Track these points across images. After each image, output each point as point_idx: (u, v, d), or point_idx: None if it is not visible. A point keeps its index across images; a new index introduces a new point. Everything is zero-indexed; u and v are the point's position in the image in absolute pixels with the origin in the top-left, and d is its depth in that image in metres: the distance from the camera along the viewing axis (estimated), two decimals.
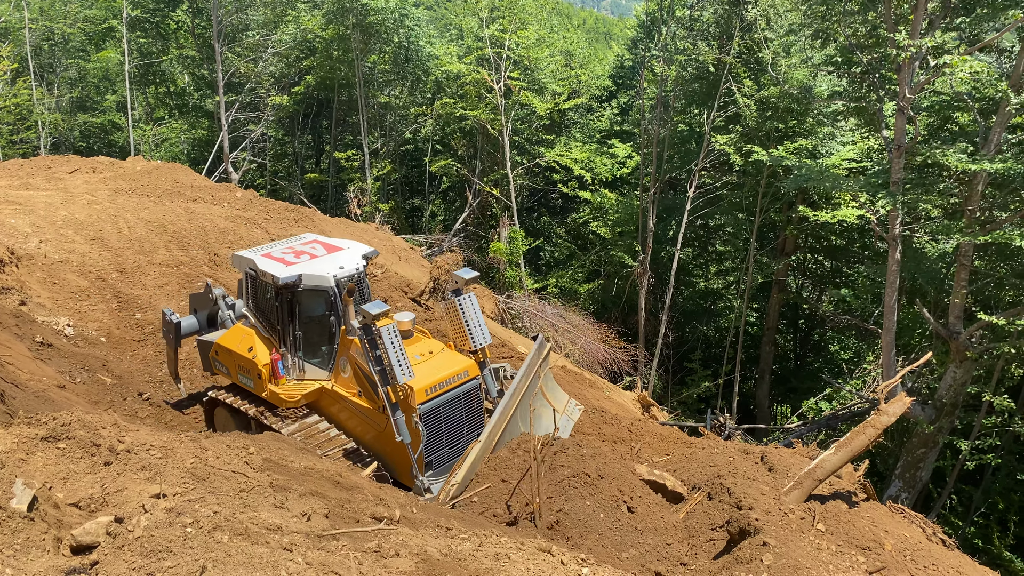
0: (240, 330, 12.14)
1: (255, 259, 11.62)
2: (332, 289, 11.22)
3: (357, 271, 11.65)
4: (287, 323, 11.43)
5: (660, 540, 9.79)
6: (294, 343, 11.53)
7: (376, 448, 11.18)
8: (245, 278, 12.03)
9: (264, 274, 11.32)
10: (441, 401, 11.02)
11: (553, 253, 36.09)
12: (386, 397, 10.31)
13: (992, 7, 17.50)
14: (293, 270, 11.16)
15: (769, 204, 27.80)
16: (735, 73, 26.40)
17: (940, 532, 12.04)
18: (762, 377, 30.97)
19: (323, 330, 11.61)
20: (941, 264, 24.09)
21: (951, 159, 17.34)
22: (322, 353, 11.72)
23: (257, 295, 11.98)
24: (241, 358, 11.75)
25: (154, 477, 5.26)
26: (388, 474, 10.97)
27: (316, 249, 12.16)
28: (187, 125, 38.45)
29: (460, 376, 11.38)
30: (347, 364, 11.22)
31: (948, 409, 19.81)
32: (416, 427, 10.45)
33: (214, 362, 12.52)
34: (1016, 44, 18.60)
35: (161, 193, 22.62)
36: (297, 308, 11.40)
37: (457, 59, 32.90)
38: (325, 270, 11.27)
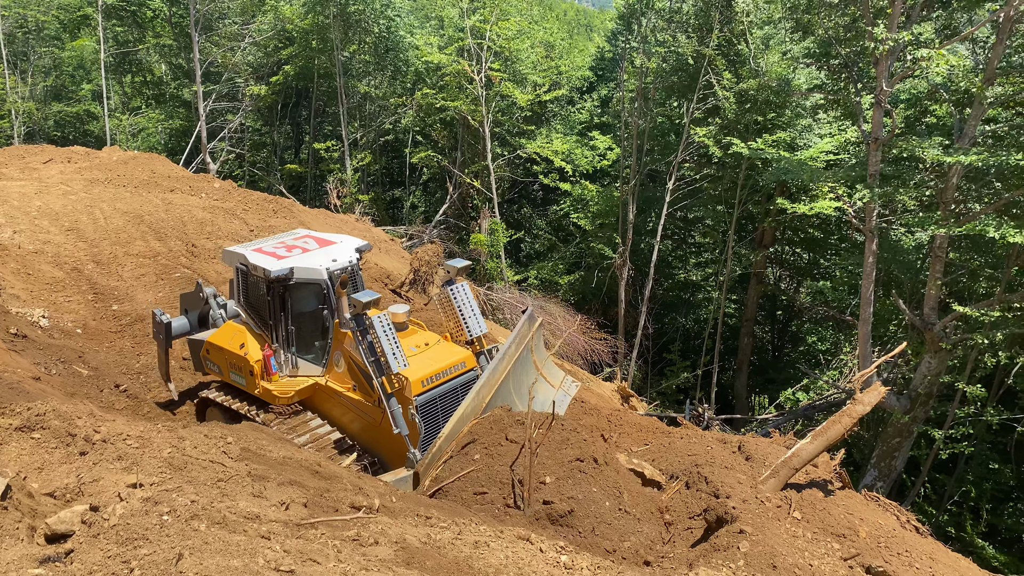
0: (231, 327, 11.99)
1: (246, 254, 11.47)
2: (325, 282, 11.12)
3: (350, 264, 11.52)
4: (279, 318, 11.26)
5: (642, 528, 9.86)
6: (286, 338, 11.37)
7: (371, 443, 11.05)
8: (236, 274, 11.87)
9: (255, 268, 11.17)
10: (438, 393, 10.90)
11: (534, 245, 36.13)
12: (381, 388, 10.19)
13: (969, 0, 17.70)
14: (285, 263, 11.02)
15: (748, 196, 27.99)
16: (714, 66, 26.51)
17: (914, 520, 12.22)
18: (740, 368, 31.23)
19: (316, 325, 11.50)
20: (916, 256, 24.41)
21: (927, 152, 17.53)
22: (315, 348, 11.59)
23: (248, 291, 11.84)
24: (233, 356, 11.59)
25: (131, 467, 5.23)
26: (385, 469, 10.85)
27: (308, 243, 12.03)
28: (164, 115, 38.01)
29: (457, 367, 11.29)
30: (341, 358, 11.06)
31: (923, 399, 20.09)
32: (413, 419, 10.33)
33: (205, 361, 12.35)
34: (991, 36, 18.80)
35: (138, 183, 22.37)
36: (289, 302, 11.25)
37: (438, 50, 32.76)
38: (318, 263, 11.16)
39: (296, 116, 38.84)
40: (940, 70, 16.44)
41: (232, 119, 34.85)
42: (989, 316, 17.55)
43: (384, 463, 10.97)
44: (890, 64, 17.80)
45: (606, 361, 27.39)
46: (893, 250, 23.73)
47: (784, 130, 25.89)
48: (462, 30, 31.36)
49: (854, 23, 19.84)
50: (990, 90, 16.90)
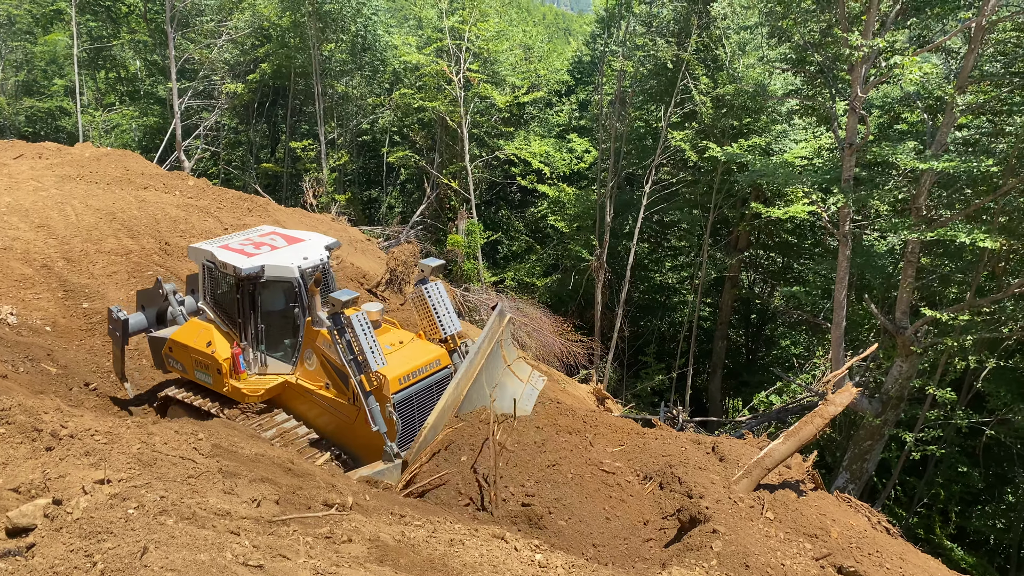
0: (197, 325, 11.85)
1: (213, 251, 11.35)
2: (296, 280, 11.07)
3: (321, 262, 11.49)
4: (248, 316, 11.19)
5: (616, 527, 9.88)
6: (256, 336, 11.31)
7: (345, 440, 11.06)
8: (202, 270, 11.75)
9: (224, 266, 11.05)
10: (414, 390, 10.96)
11: (511, 246, 36.11)
12: (359, 386, 10.21)
13: (943, 7, 17.95)
14: (255, 261, 10.93)
15: (723, 200, 28.20)
16: (692, 70, 26.68)
17: (884, 521, 12.36)
18: (714, 371, 31.42)
19: (285, 322, 11.44)
20: (889, 260, 24.69)
21: (900, 158, 17.74)
22: (284, 346, 11.54)
23: (215, 288, 11.73)
24: (199, 353, 11.47)
25: (98, 463, 5.13)
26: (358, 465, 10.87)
27: (276, 240, 11.94)
28: (138, 112, 37.52)
29: (432, 365, 11.36)
30: (313, 356, 11.04)
31: (894, 402, 20.31)
32: (390, 416, 10.38)
33: (167, 359, 12.17)
34: (963, 46, 19.09)
35: (110, 180, 22.08)
36: (259, 300, 11.19)
37: (416, 50, 32.68)
38: (289, 261, 11.10)
39: (272, 115, 38.54)
40: (914, 77, 16.65)
41: (208, 117, 34.50)
42: (959, 320, 17.79)
43: (357, 460, 10.96)
44: (865, 71, 18.01)
45: (582, 363, 27.44)
46: (866, 255, 24.00)
47: (760, 135, 26.12)
48: (441, 31, 31.31)
49: (829, 29, 20.05)
50: (961, 98, 17.16)
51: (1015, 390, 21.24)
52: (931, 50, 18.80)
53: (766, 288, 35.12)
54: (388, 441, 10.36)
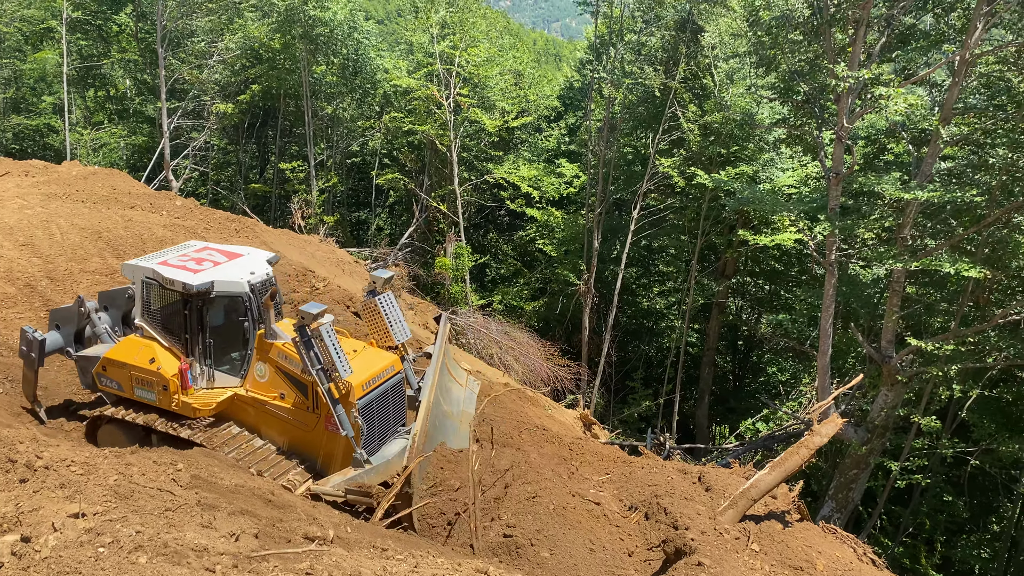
0: (134, 342, 11.78)
1: (155, 267, 11.37)
2: (247, 295, 11.19)
3: (268, 276, 11.67)
4: (196, 331, 11.27)
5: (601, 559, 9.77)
6: (203, 351, 11.39)
7: (301, 448, 11.35)
8: (142, 287, 11.69)
9: (170, 282, 11.08)
10: (374, 395, 11.43)
11: (499, 270, 36.11)
12: (327, 394, 10.58)
13: (927, 40, 18.20)
14: (204, 277, 11.04)
15: (711, 227, 28.33)
16: (680, 98, 26.90)
17: (870, 552, 12.32)
18: (701, 397, 31.39)
19: (233, 336, 11.54)
20: (874, 290, 24.83)
21: (886, 187, 17.89)
22: (231, 360, 11.66)
23: (155, 304, 11.67)
24: (140, 371, 11.42)
25: (73, 495, 5.02)
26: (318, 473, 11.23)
27: (214, 256, 12.02)
28: (127, 131, 37.42)
29: (388, 371, 11.85)
30: (265, 368, 11.30)
31: (879, 431, 20.33)
32: (356, 420, 10.82)
33: (99, 378, 12.02)
34: (947, 78, 19.33)
35: (97, 199, 21.94)
36: (207, 315, 11.29)
37: (407, 74, 32.82)
38: (238, 276, 11.25)
39: (262, 135, 38.53)
40: (899, 108, 16.84)
41: (197, 137, 34.43)
42: (944, 350, 17.87)
43: (314, 467, 11.28)
44: (851, 101, 18.20)
45: (569, 388, 27.36)
46: (851, 284, 24.12)
47: (747, 163, 26.31)
48: (431, 55, 31.47)
49: (816, 60, 20.28)
50: (946, 129, 17.35)
51: (999, 420, 21.32)
52: (916, 82, 19.04)
53: (753, 315, 35.22)
54: (357, 447, 10.82)
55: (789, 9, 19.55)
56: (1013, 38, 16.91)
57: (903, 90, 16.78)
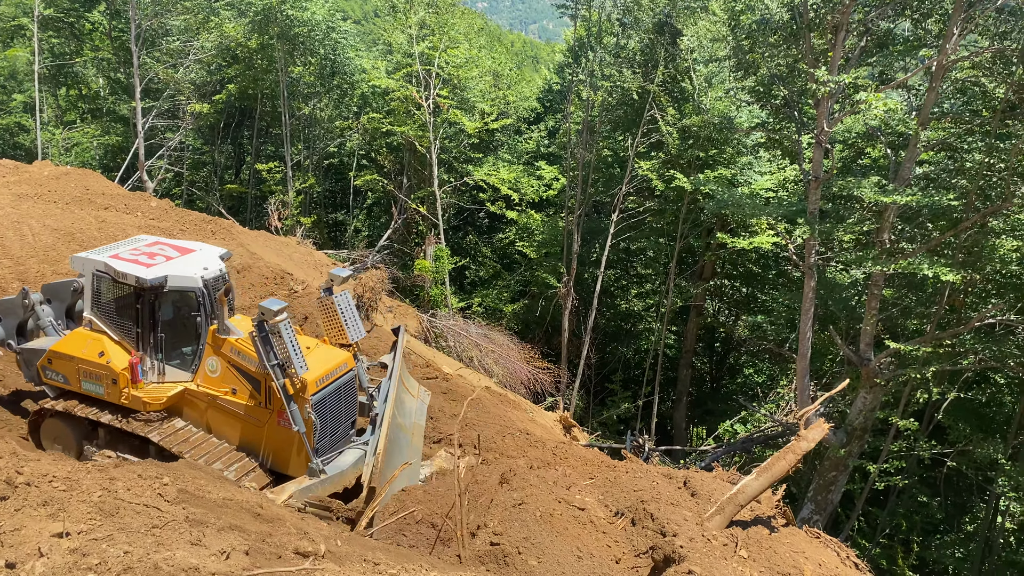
0: (83, 335, 11.65)
1: (107, 261, 11.25)
2: (200, 290, 11.20)
3: (221, 272, 11.67)
4: (147, 325, 11.22)
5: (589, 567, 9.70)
6: (154, 345, 11.34)
7: (253, 443, 11.38)
8: (92, 280, 11.54)
9: (123, 276, 11.00)
10: (327, 392, 11.49)
11: (479, 272, 35.99)
12: (282, 390, 10.65)
13: (905, 45, 18.38)
14: (157, 271, 11.01)
15: (689, 230, 28.44)
16: (659, 101, 26.96)
17: (853, 556, 12.36)
18: (680, 399, 31.50)
19: (184, 331, 11.54)
20: (852, 292, 25.05)
21: (864, 191, 18.03)
22: (182, 354, 11.65)
23: (105, 298, 11.52)
24: (89, 364, 11.33)
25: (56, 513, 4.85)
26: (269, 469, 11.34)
27: (166, 250, 12.00)
28: (100, 130, 36.80)
29: (341, 368, 11.94)
30: (217, 363, 11.33)
31: (858, 433, 20.48)
32: (309, 416, 10.89)
33: (44, 371, 11.87)
34: (923, 83, 19.54)
35: (70, 200, 21.56)
36: (159, 310, 11.26)
37: (386, 74, 32.60)
38: (191, 271, 11.25)
39: (238, 136, 38.08)
40: (878, 112, 16.99)
41: (172, 137, 33.95)
42: (921, 353, 18.04)
43: (265, 463, 11.36)
44: (830, 105, 18.33)
45: (549, 390, 27.32)
46: (829, 287, 24.31)
47: (726, 166, 26.43)
48: (410, 56, 31.28)
49: (795, 64, 20.41)
50: (923, 133, 17.52)
51: (973, 422, 21.59)
52: (894, 87, 19.22)
53: (731, 317, 35.42)
54: (313, 458, 10.93)
55: (768, 13, 19.67)
56: (988, 44, 17.10)
57: (882, 95, 16.93)
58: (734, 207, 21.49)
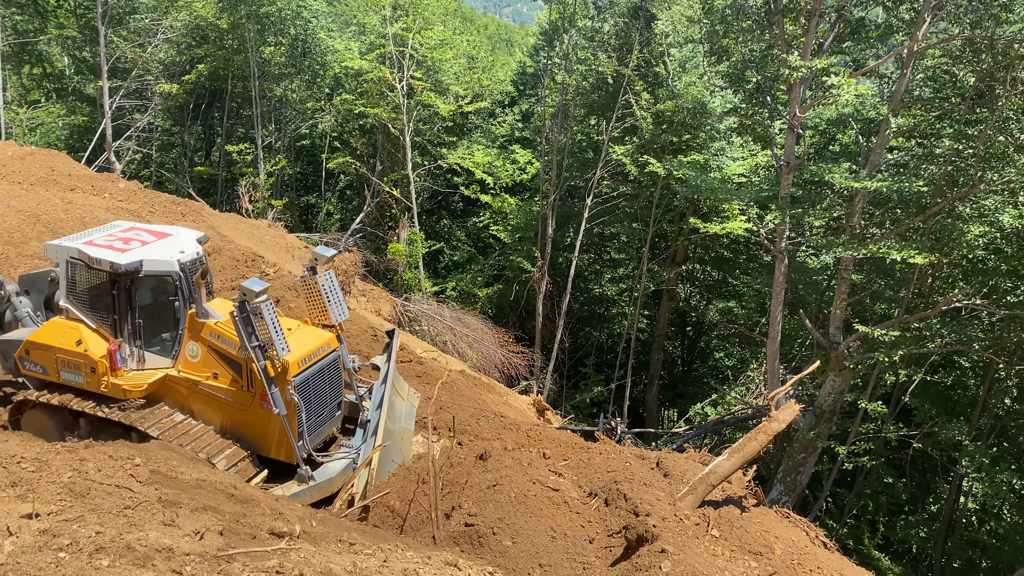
0: (59, 324, 11.44)
1: (79, 247, 11.04)
2: (177, 274, 11.01)
3: (199, 255, 11.49)
4: (124, 311, 11.04)
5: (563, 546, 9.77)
6: (132, 332, 11.17)
7: (236, 428, 11.22)
8: (66, 267, 11.35)
9: (97, 262, 10.78)
10: (310, 373, 11.34)
11: (453, 256, 35.90)
12: (263, 372, 10.49)
13: (877, 30, 18.54)
14: (132, 256, 10.80)
15: (662, 215, 28.55)
16: (632, 86, 26.96)
17: (822, 535, 12.57)
18: (651, 382, 31.74)
19: (162, 316, 11.35)
20: (822, 277, 25.34)
21: (835, 177, 18.20)
22: (162, 340, 11.47)
23: (81, 285, 11.35)
24: (67, 353, 11.12)
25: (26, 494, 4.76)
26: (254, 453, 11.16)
27: (142, 235, 11.78)
28: (65, 110, 36.04)
29: (324, 348, 11.79)
30: (197, 348, 11.16)
31: (827, 416, 20.78)
32: (291, 399, 10.74)
33: (22, 362, 11.65)
34: (896, 70, 19.73)
35: (35, 181, 21.12)
36: (135, 296, 11.09)
37: (359, 55, 32.24)
38: (167, 255, 11.06)
39: (208, 117, 37.49)
40: (849, 98, 17.13)
41: (140, 118, 33.35)
42: (889, 336, 18.31)
43: (250, 446, 11.20)
44: (802, 91, 18.45)
45: (523, 374, 27.39)
46: (800, 271, 24.58)
47: (699, 151, 26.53)
48: (384, 37, 30.95)
49: (769, 50, 20.50)
50: (894, 120, 17.71)
51: (939, 404, 22.02)
52: (865, 74, 19.38)
53: (702, 302, 35.70)
54: (302, 464, 10.79)
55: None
56: (959, 31, 17.30)
57: (853, 80, 17.08)
58: (707, 192, 21.60)
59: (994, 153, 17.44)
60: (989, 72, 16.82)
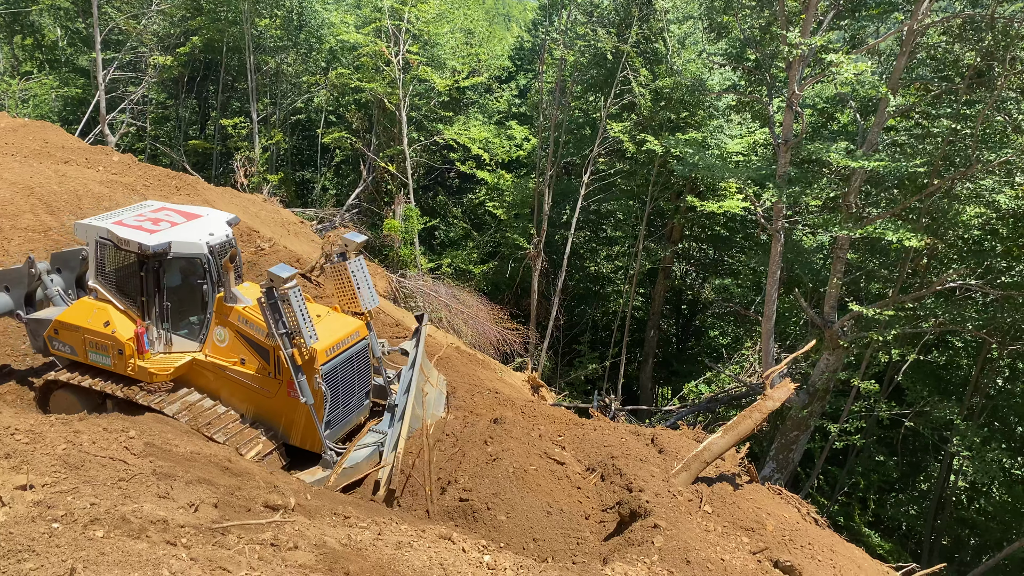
0: (88, 304, 11.40)
1: (109, 227, 10.97)
2: (205, 256, 10.90)
3: (228, 238, 11.38)
4: (152, 294, 10.95)
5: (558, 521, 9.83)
6: (160, 314, 11.08)
7: (264, 415, 11.11)
8: (96, 248, 11.27)
9: (126, 243, 10.72)
10: (338, 361, 11.19)
11: (448, 233, 35.80)
12: (290, 360, 10.33)
13: (877, 8, 18.40)
14: (161, 237, 10.71)
15: (659, 193, 28.46)
16: (631, 62, 26.77)
17: (813, 512, 12.71)
18: (646, 360, 31.83)
19: (191, 299, 11.26)
20: (818, 256, 25.35)
21: (833, 156, 18.14)
22: (190, 323, 11.38)
23: (110, 266, 11.27)
24: (95, 334, 11.08)
25: (20, 466, 4.76)
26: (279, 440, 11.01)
27: (172, 216, 11.68)
28: (58, 82, 35.67)
29: (353, 336, 11.64)
30: (225, 333, 11.03)
31: (820, 394, 20.87)
32: (319, 387, 10.60)
33: (51, 342, 11.63)
34: (896, 45, 19.61)
35: (28, 153, 20.94)
36: (164, 278, 10.98)
37: (354, 29, 31.93)
38: (196, 237, 10.95)
39: (203, 90, 37.17)
40: (848, 76, 17.02)
41: (134, 90, 33.05)
42: (884, 316, 18.36)
43: (278, 433, 11.10)
44: (801, 69, 18.34)
45: (518, 351, 27.43)
46: (796, 250, 24.57)
47: (697, 129, 26.40)
48: (379, 10, 30.63)
49: (768, 27, 20.34)
50: (893, 99, 17.63)
51: (931, 384, 22.13)
52: (864, 52, 19.26)
53: (698, 280, 35.73)
54: (328, 448, 10.66)
55: None
56: (960, 8, 17.18)
57: (852, 57, 16.97)
58: (704, 170, 21.52)
59: (991, 133, 17.39)
60: (989, 51, 16.72)
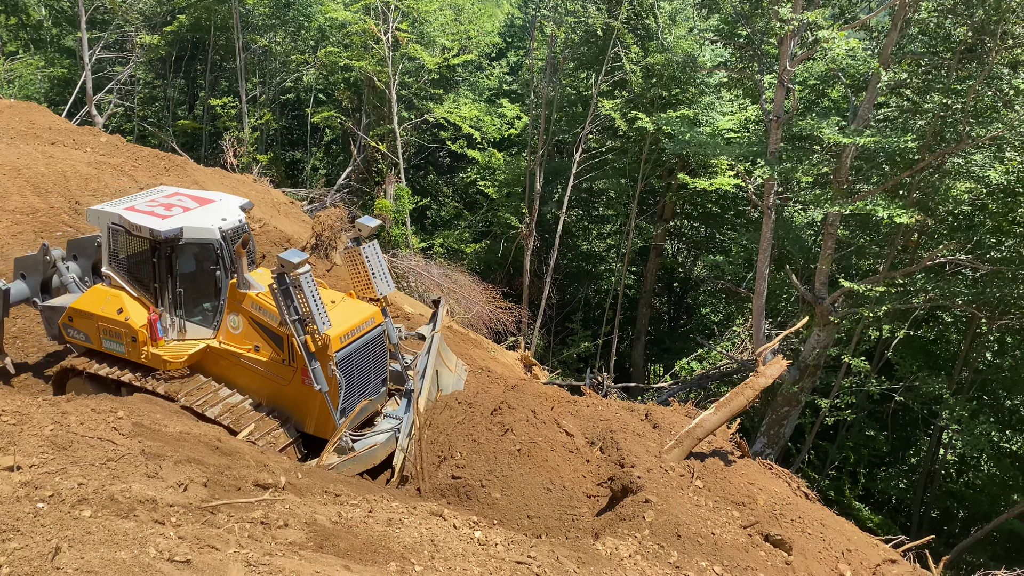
0: (102, 291, 11.31)
1: (121, 213, 10.84)
2: (218, 242, 10.77)
3: (241, 223, 11.24)
4: (165, 280, 10.83)
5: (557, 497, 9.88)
6: (173, 301, 10.97)
7: (278, 402, 11.04)
8: (108, 234, 11.16)
9: (138, 228, 10.60)
10: (353, 348, 11.06)
11: (440, 212, 35.68)
12: (303, 347, 10.21)
13: None
14: (172, 223, 10.57)
15: (651, 171, 28.39)
16: (623, 39, 26.59)
17: (804, 487, 12.80)
18: (638, 338, 31.92)
19: (204, 285, 11.16)
20: (809, 232, 25.37)
21: (824, 132, 18.10)
22: (203, 310, 11.28)
23: (122, 252, 11.18)
24: (108, 321, 10.99)
25: (7, 447, 4.74)
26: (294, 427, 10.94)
27: (184, 201, 11.56)
28: (44, 62, 35.24)
29: (368, 323, 11.49)
30: (239, 319, 10.91)
31: (811, 370, 20.99)
32: (333, 375, 10.47)
33: (66, 329, 11.58)
34: (887, 18, 19.52)
35: (14, 134, 20.74)
36: (176, 264, 10.85)
37: (343, 6, 31.59)
38: (208, 222, 10.81)
39: (191, 70, 36.80)
40: (840, 52, 16.94)
41: (121, 70, 32.69)
42: (874, 292, 18.43)
43: (292, 421, 11.01)
44: (793, 45, 18.25)
45: (510, 330, 27.45)
46: (786, 227, 24.59)
47: (688, 106, 26.30)
48: None
49: (759, 1, 20.20)
50: (885, 74, 17.57)
51: (921, 359, 22.26)
52: (856, 27, 19.16)
53: (690, 257, 35.76)
54: (344, 434, 10.54)
55: None
56: None
57: (844, 33, 16.88)
58: (696, 147, 21.47)
59: (981, 108, 17.36)
60: (981, 26, 16.65)
